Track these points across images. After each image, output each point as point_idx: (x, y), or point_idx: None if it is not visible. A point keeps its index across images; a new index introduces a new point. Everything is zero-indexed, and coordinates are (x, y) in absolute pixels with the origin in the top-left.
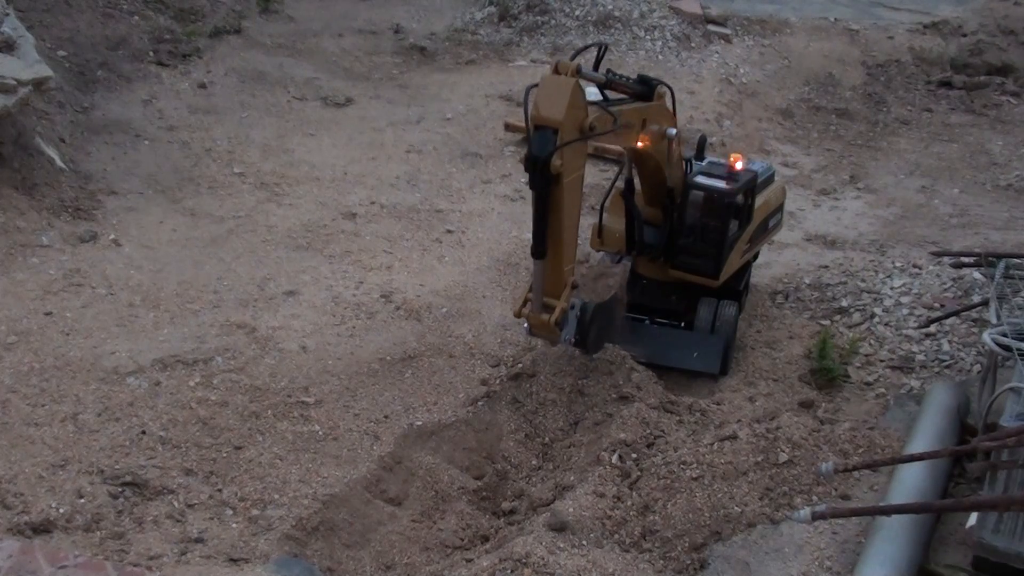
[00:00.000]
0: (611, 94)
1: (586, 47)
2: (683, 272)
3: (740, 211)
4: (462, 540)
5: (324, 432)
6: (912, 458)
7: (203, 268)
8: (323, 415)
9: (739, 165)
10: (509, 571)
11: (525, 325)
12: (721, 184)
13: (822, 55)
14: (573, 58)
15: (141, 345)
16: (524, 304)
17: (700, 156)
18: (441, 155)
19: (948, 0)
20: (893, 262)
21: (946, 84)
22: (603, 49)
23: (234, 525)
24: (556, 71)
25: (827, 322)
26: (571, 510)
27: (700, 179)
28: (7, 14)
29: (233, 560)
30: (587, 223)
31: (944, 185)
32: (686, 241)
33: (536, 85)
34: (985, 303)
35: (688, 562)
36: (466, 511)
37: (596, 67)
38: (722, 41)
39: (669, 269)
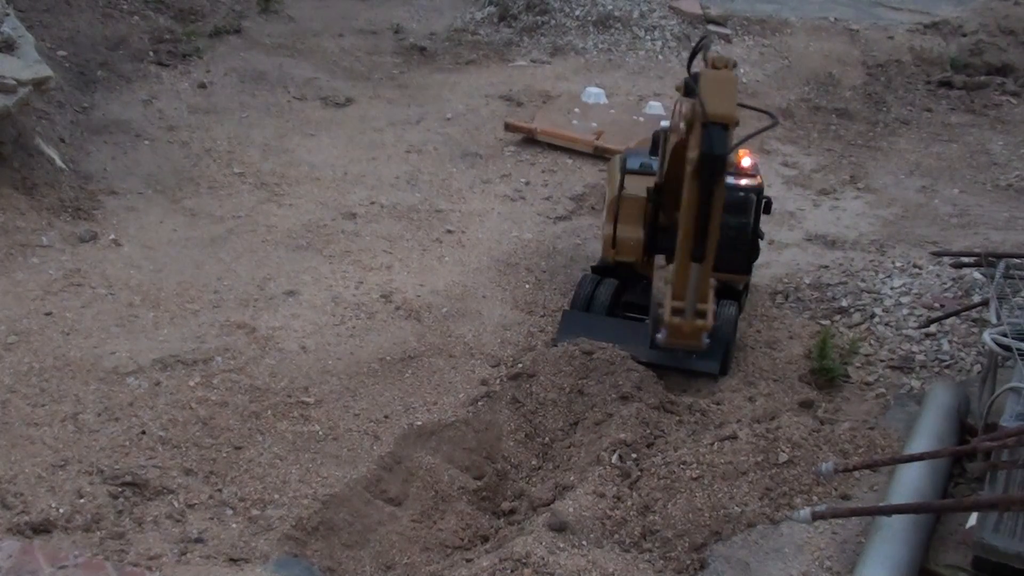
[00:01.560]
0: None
1: (700, 42)
2: (715, 271)
3: (769, 205)
4: (462, 540)
5: (324, 432)
6: (912, 458)
7: (203, 268)
8: (323, 415)
9: (747, 161)
10: (509, 571)
11: (660, 335)
12: (750, 180)
13: (822, 55)
14: (693, 56)
15: (141, 345)
16: (673, 312)
17: (654, 152)
18: (441, 155)
19: (948, 0)
20: (893, 262)
21: (946, 84)
22: (703, 42)
23: (234, 525)
24: (713, 66)
25: (827, 322)
26: (571, 510)
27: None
28: (7, 14)
29: (233, 560)
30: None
31: (944, 185)
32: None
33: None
34: (985, 303)
35: (688, 562)
36: (466, 511)
37: (691, 62)
38: (722, 41)
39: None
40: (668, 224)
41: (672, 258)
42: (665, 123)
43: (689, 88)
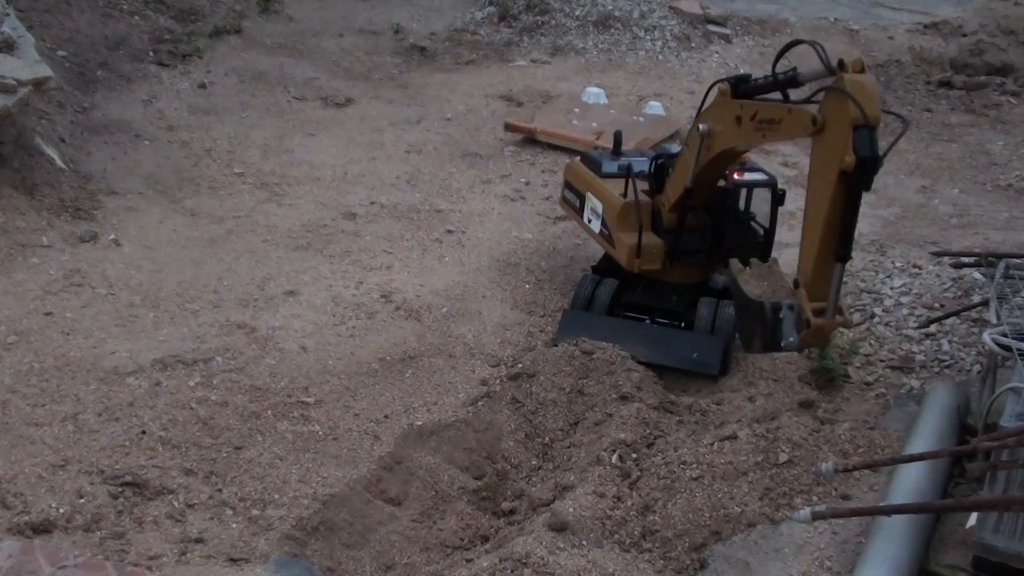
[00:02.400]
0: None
1: (791, 44)
2: None
3: (783, 197)
4: (462, 540)
5: (324, 432)
6: (912, 458)
7: (203, 268)
8: (323, 415)
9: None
10: (509, 571)
11: (793, 339)
12: (763, 176)
13: None
14: (779, 56)
15: (141, 345)
16: (815, 313)
17: (617, 151)
18: (441, 155)
19: (948, 0)
20: (893, 262)
21: (946, 84)
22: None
23: (234, 525)
24: (854, 71)
25: None
26: (571, 510)
27: (736, 176)
28: (7, 14)
29: (233, 560)
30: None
31: (944, 185)
32: (741, 238)
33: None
34: (985, 303)
35: (688, 562)
36: (466, 511)
37: (776, 63)
38: (722, 41)
39: (723, 269)
40: (697, 226)
41: (744, 260)
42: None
43: (759, 87)
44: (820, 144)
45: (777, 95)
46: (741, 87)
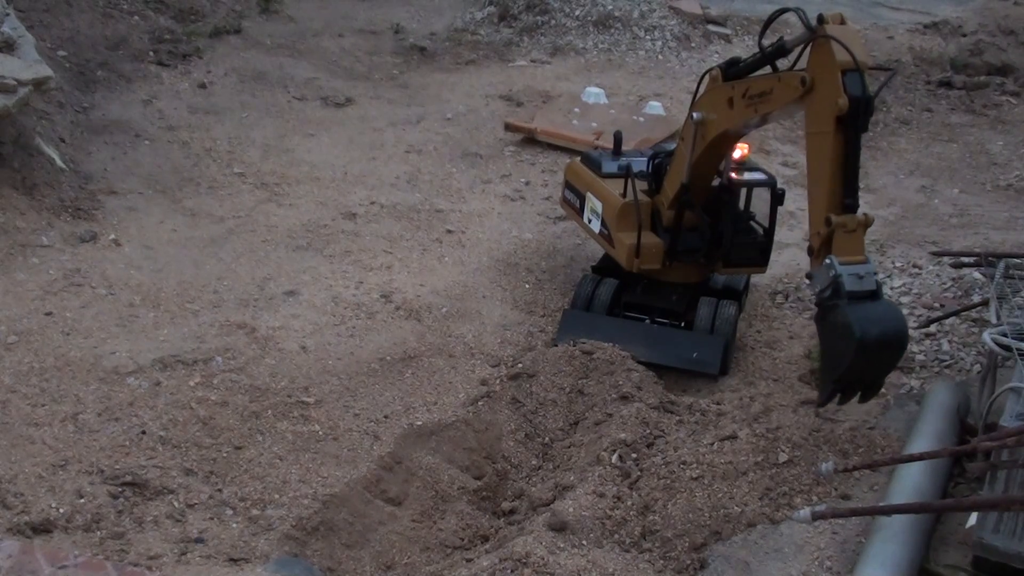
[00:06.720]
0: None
1: (776, 14)
2: (735, 268)
3: (783, 196)
4: (462, 540)
5: (324, 432)
6: (912, 458)
7: (203, 268)
8: (323, 415)
9: (736, 154)
10: (509, 571)
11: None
12: (762, 176)
13: None
14: (764, 29)
15: (141, 345)
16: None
17: (618, 152)
18: (441, 155)
19: (948, 0)
20: (893, 262)
21: (946, 84)
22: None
23: (234, 525)
24: (835, 22)
25: None
26: (571, 510)
27: (735, 175)
28: (7, 14)
29: (233, 560)
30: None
31: (944, 185)
32: (740, 238)
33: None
34: (985, 303)
35: (688, 562)
36: (466, 511)
37: (761, 37)
38: (722, 41)
39: (722, 268)
40: (693, 225)
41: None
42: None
43: (782, 50)
44: (812, 102)
45: (768, 71)
46: (731, 70)
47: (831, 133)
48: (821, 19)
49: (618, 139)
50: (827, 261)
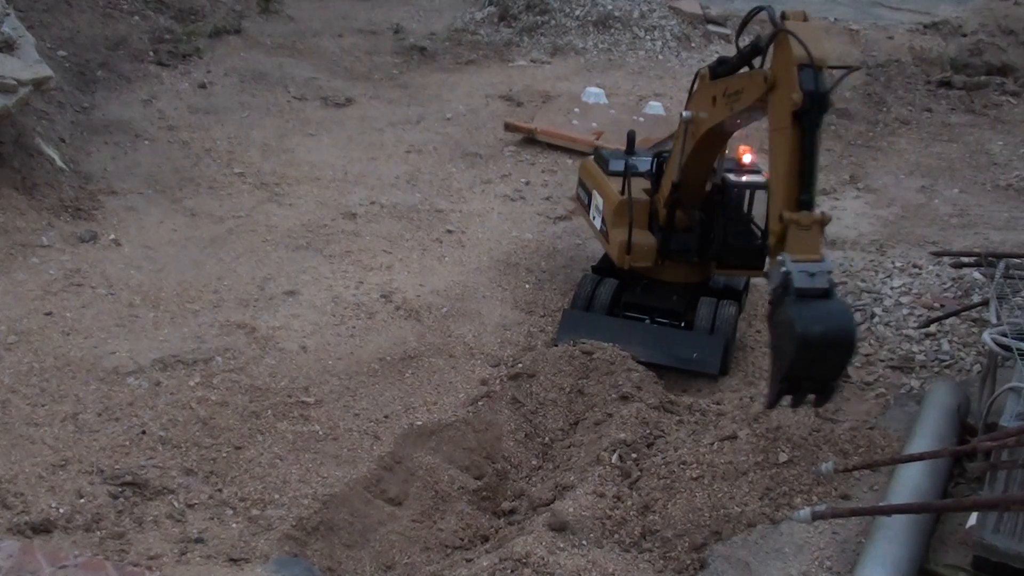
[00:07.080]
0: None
1: (751, 14)
2: (730, 270)
3: None
4: (462, 540)
5: (324, 432)
6: (912, 458)
7: (203, 268)
8: (323, 415)
9: (747, 158)
10: (509, 571)
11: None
12: (761, 178)
13: None
14: (741, 29)
15: (141, 345)
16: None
17: (630, 150)
18: (441, 155)
19: (948, 0)
20: (893, 262)
21: (946, 84)
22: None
23: (234, 525)
24: (797, 19)
25: None
26: (571, 510)
27: (732, 176)
28: (7, 14)
29: (233, 560)
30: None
31: (944, 185)
32: (735, 240)
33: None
34: (985, 303)
35: (688, 562)
36: (466, 511)
37: (740, 32)
38: (722, 41)
39: (716, 269)
40: (687, 225)
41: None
42: (680, 113)
43: (756, 49)
44: (773, 99)
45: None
46: (719, 69)
47: (788, 130)
48: (783, 16)
49: (631, 138)
50: (779, 258)
